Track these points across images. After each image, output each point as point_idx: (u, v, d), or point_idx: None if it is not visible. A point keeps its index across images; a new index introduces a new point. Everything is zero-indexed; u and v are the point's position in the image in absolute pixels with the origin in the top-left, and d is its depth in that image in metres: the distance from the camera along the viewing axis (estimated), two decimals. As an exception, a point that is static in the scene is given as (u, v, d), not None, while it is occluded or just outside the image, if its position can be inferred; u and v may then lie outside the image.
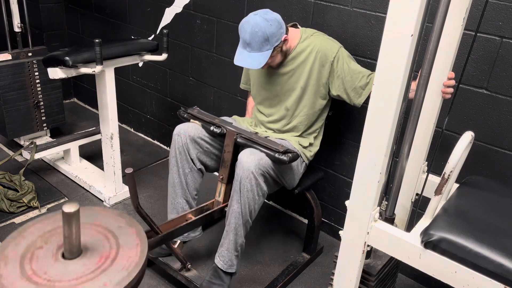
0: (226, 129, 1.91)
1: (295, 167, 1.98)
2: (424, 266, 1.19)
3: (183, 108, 2.08)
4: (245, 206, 1.82)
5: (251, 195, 1.81)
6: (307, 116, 2.02)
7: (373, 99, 1.13)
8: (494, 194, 1.36)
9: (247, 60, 1.85)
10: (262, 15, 1.82)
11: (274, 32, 1.81)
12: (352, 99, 1.93)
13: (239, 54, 1.87)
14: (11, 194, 2.50)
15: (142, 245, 1.09)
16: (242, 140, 1.86)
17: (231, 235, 1.86)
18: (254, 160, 1.78)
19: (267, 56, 1.83)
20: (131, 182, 1.52)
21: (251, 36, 1.80)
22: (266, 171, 1.81)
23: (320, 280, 2.20)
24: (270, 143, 1.83)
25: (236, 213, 1.84)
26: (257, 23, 1.79)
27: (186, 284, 2.00)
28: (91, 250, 1.06)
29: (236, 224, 1.85)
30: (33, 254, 1.05)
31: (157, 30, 3.01)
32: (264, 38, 1.80)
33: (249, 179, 1.78)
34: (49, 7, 3.55)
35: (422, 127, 1.43)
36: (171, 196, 2.05)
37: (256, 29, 1.79)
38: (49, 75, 2.23)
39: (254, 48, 1.82)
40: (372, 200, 1.22)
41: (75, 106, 3.95)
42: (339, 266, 1.37)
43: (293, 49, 1.95)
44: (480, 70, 1.77)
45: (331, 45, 1.93)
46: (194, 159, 1.99)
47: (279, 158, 1.77)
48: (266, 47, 1.82)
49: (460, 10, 1.30)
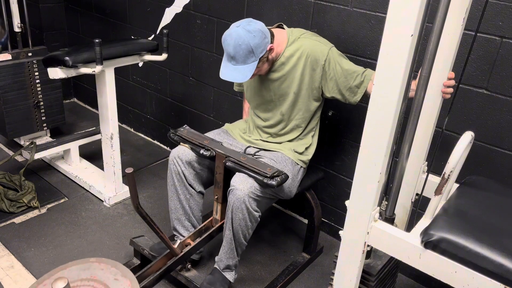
0: (215, 152, 1.89)
1: (293, 177, 1.96)
2: (424, 266, 1.19)
3: (172, 131, 2.05)
4: (237, 233, 1.85)
5: (244, 223, 1.83)
6: (303, 119, 2.01)
7: (373, 99, 1.13)
8: (494, 194, 1.36)
9: (233, 73, 1.81)
10: (245, 26, 1.77)
11: (258, 43, 1.76)
12: (348, 98, 1.90)
13: (224, 67, 1.84)
14: (11, 194, 2.50)
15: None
16: (231, 164, 1.84)
17: (226, 248, 1.91)
18: (246, 187, 1.77)
19: (253, 68, 1.79)
20: (131, 182, 1.52)
21: (235, 50, 1.76)
22: (261, 194, 1.81)
23: (320, 280, 2.20)
24: (258, 166, 1.79)
25: (228, 239, 1.88)
26: (240, 36, 1.74)
27: (186, 284, 2.00)
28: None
29: (230, 246, 1.90)
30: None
31: (157, 30, 3.01)
32: (248, 50, 1.75)
33: (241, 209, 1.79)
34: (49, 7, 3.55)
35: (422, 127, 1.43)
36: (174, 222, 2.07)
37: (239, 42, 1.74)
38: (49, 75, 2.23)
39: (239, 61, 1.78)
40: (372, 200, 1.22)
41: (75, 106, 3.95)
42: (339, 266, 1.37)
43: (281, 54, 1.90)
44: (480, 70, 1.77)
45: (321, 48, 1.87)
46: (193, 184, 2.00)
47: (267, 183, 1.75)
48: (251, 59, 1.78)
49: (460, 10, 1.30)
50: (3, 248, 2.23)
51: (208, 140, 1.97)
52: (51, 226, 2.41)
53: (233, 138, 2.10)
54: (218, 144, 1.94)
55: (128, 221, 2.51)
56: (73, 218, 2.49)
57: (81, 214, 2.54)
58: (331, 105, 2.24)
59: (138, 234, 2.37)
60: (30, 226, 2.40)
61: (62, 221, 2.46)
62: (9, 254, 2.19)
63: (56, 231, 2.38)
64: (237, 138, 2.10)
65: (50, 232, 2.37)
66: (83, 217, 2.51)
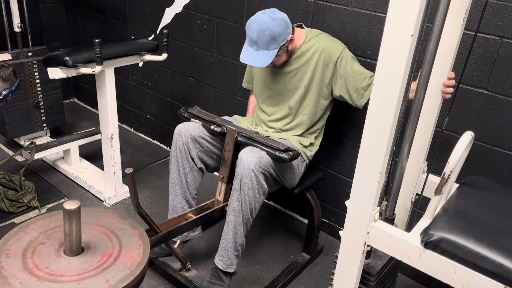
0: (226, 128, 1.91)
1: (296, 167, 1.98)
2: (424, 266, 1.19)
3: (183, 108, 2.09)
4: (245, 204, 1.82)
5: (252, 193, 1.81)
6: (309, 116, 2.02)
7: (373, 99, 1.13)
8: (494, 194, 1.36)
9: (253, 58, 1.85)
10: (270, 14, 1.82)
11: (281, 31, 1.81)
12: (354, 100, 1.93)
13: (245, 51, 1.88)
14: (11, 194, 2.50)
15: (145, 247, 1.09)
16: (243, 139, 1.86)
17: (230, 234, 1.86)
18: (255, 158, 1.78)
19: (273, 55, 1.84)
20: (131, 182, 1.52)
21: (258, 35, 1.80)
22: (267, 170, 1.82)
23: (320, 280, 2.20)
24: (270, 142, 1.83)
25: (237, 211, 1.84)
26: (265, 22, 1.80)
27: (186, 284, 2.00)
28: (94, 249, 1.06)
29: (236, 223, 1.85)
30: (35, 249, 1.06)
31: (157, 30, 3.01)
32: (271, 37, 1.80)
33: (250, 176, 1.78)
34: (49, 7, 3.55)
35: (422, 127, 1.43)
36: (171, 196, 2.05)
37: (263, 28, 1.79)
38: (49, 75, 2.23)
39: (261, 47, 1.83)
40: (372, 200, 1.22)
41: (75, 106, 3.95)
42: (339, 266, 1.37)
43: (298, 48, 1.96)
44: (480, 70, 1.77)
45: (335, 46, 1.94)
46: (195, 158, 1.99)
47: (280, 156, 1.77)
48: (272, 46, 1.82)
49: (460, 10, 1.30)
50: (3, 248, 2.23)
51: (219, 118, 2.01)
52: (51, 226, 2.41)
53: (241, 125, 2.11)
54: (229, 122, 1.98)
55: (128, 221, 2.51)
56: (73, 218, 2.49)
57: (81, 214, 2.53)
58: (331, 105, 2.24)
59: (138, 234, 2.36)
60: (30, 226, 2.40)
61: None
62: (9, 254, 2.19)
63: (56, 231, 2.38)
64: (245, 126, 2.12)
65: (50, 232, 2.37)
66: (83, 217, 2.51)
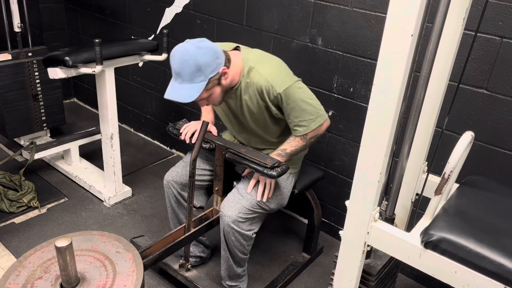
0: (215, 144, 1.89)
1: (283, 184, 1.90)
2: (424, 266, 1.19)
3: (171, 124, 2.02)
4: (233, 251, 1.86)
5: (238, 243, 1.83)
6: (275, 132, 1.91)
7: (373, 99, 1.13)
8: (494, 194, 1.36)
9: (178, 92, 1.61)
10: (196, 42, 1.61)
11: (207, 61, 1.58)
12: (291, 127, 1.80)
13: (170, 86, 1.65)
14: (11, 194, 2.50)
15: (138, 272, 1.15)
16: (231, 156, 1.81)
17: (225, 266, 1.93)
18: (236, 210, 1.76)
19: (201, 89, 1.60)
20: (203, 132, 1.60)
21: (181, 65, 1.58)
22: (251, 213, 1.80)
23: (320, 280, 2.20)
24: (258, 157, 1.75)
25: (225, 257, 1.89)
26: (188, 51, 1.57)
27: (186, 284, 2.00)
28: (88, 280, 1.12)
29: (228, 264, 1.91)
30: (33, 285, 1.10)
31: (157, 30, 3.01)
32: (195, 67, 1.57)
33: (232, 232, 1.79)
34: (49, 7, 3.55)
35: (422, 127, 1.43)
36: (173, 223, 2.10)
37: (186, 57, 1.57)
38: (49, 75, 2.23)
39: (186, 79, 1.59)
40: (372, 200, 1.22)
41: (75, 106, 3.95)
42: (339, 266, 1.37)
43: (238, 84, 1.75)
44: (480, 70, 1.77)
45: (272, 89, 1.69)
46: None
47: (268, 174, 1.69)
48: (199, 78, 1.59)
49: (460, 10, 1.30)
50: (3, 248, 2.23)
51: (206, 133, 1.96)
52: (51, 226, 2.41)
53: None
54: (217, 137, 1.94)
55: (128, 221, 2.51)
56: (73, 218, 2.49)
57: (81, 214, 2.54)
58: (331, 105, 2.24)
59: (138, 234, 2.37)
60: (30, 226, 2.40)
61: (62, 221, 2.46)
62: (9, 254, 2.19)
63: (56, 231, 2.38)
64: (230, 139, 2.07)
65: (50, 232, 2.37)
66: (83, 217, 2.51)
